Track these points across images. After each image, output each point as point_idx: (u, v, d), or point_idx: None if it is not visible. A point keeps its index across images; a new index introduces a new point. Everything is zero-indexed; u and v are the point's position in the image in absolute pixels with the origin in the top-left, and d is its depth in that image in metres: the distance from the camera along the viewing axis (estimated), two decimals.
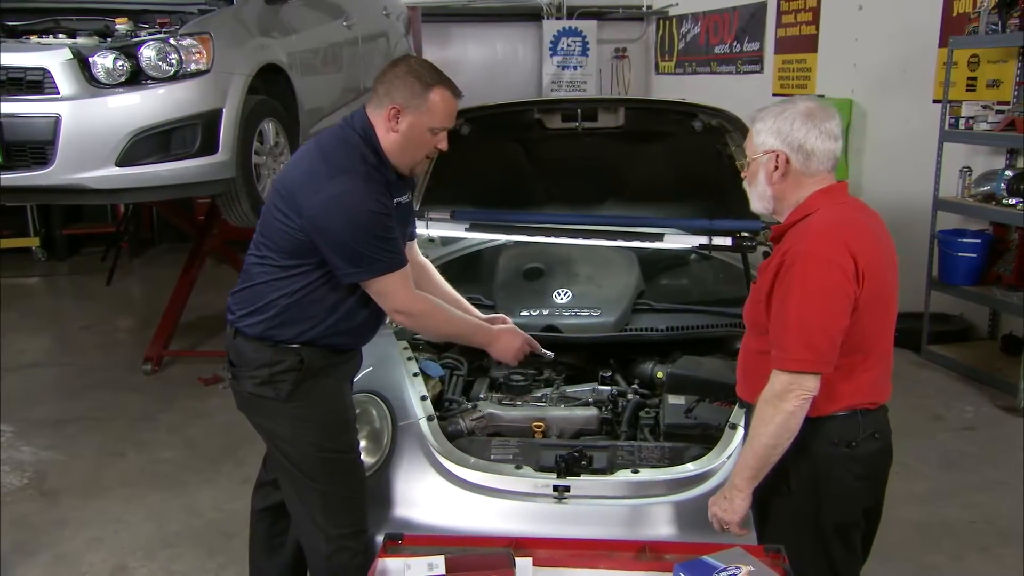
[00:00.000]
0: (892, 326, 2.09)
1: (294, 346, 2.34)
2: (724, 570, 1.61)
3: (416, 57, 2.48)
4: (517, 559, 1.75)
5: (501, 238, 3.60)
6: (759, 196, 2.08)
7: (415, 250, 2.73)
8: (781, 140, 2.00)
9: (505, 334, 2.65)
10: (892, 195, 6.45)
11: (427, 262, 2.83)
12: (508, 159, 3.44)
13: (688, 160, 3.40)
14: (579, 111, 3.04)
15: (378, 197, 2.27)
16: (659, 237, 3.18)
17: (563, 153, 3.35)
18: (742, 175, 2.16)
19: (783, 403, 1.95)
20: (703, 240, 3.21)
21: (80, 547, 3.54)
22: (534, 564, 1.76)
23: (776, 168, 2.02)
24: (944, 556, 3.41)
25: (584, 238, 3.30)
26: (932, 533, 3.56)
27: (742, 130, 2.87)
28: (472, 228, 3.38)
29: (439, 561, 1.65)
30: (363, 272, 2.28)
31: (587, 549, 1.82)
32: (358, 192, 2.23)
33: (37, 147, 3.85)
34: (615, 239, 3.30)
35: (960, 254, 5.39)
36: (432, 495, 2.58)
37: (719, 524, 2.10)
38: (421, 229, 3.39)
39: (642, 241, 3.28)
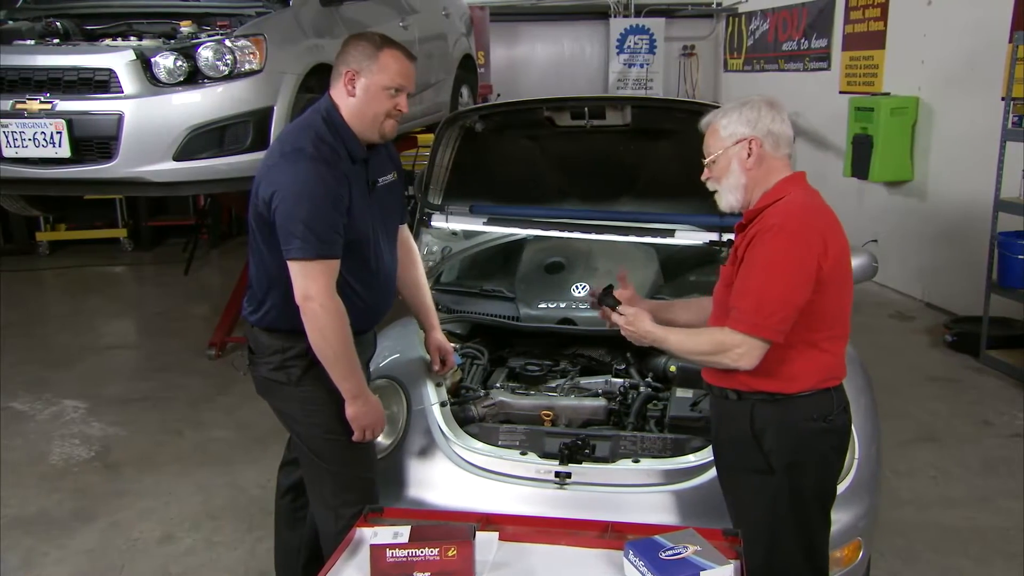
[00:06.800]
0: (850, 307, 2.19)
1: (301, 333, 2.42)
2: (671, 548, 1.67)
3: (371, 32, 2.54)
4: (486, 534, 1.85)
5: (519, 232, 3.68)
6: (732, 188, 2.16)
7: (405, 233, 2.78)
8: (751, 127, 2.12)
9: (370, 403, 2.45)
10: (955, 195, 6.29)
11: (415, 247, 2.86)
12: (522, 156, 3.51)
13: (697, 157, 3.41)
14: (586, 109, 3.10)
15: (324, 178, 2.28)
16: (670, 233, 3.21)
17: (575, 150, 3.40)
18: (705, 177, 2.23)
19: (719, 356, 2.09)
20: (713, 236, 3.23)
21: (133, 516, 3.80)
22: (500, 539, 1.85)
23: (749, 155, 2.13)
24: (969, 561, 3.35)
25: (596, 233, 3.35)
26: (960, 537, 3.50)
27: None
28: (490, 222, 3.47)
29: (404, 530, 1.77)
30: (292, 250, 2.27)
31: (553, 527, 1.90)
32: (302, 170, 2.27)
33: (102, 142, 4.12)
34: (626, 234, 3.34)
35: (1020, 257, 5.22)
36: (441, 477, 2.69)
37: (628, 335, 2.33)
38: (441, 223, 3.51)
39: (653, 237, 3.32)
